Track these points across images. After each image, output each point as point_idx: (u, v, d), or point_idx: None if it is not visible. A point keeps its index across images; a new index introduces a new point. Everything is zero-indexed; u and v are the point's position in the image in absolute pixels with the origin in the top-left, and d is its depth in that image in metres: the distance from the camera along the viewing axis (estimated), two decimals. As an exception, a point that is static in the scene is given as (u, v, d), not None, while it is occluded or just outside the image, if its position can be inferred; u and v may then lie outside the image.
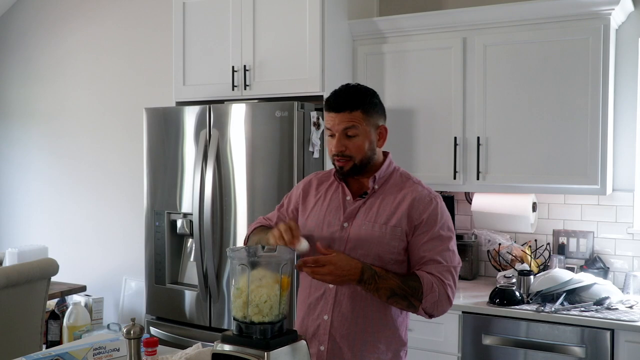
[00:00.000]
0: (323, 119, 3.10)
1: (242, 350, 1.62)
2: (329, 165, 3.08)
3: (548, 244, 3.27)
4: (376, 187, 1.94)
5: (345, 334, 1.89)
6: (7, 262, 3.79)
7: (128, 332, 1.79)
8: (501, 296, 2.84)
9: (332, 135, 1.91)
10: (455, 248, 1.92)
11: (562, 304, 2.78)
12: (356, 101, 1.88)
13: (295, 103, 2.97)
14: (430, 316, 1.89)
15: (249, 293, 1.64)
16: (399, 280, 1.82)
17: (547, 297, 2.84)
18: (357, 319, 1.89)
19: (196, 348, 2.00)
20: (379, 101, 1.95)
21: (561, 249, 3.23)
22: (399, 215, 1.88)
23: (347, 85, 1.93)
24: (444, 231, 1.89)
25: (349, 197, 1.95)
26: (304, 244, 1.80)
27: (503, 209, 3.16)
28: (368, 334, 1.90)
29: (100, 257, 4.59)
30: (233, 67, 3.32)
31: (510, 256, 3.20)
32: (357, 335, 1.89)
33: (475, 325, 2.84)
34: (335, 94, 1.91)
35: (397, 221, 1.88)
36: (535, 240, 3.30)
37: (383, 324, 1.92)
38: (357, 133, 1.88)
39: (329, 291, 1.91)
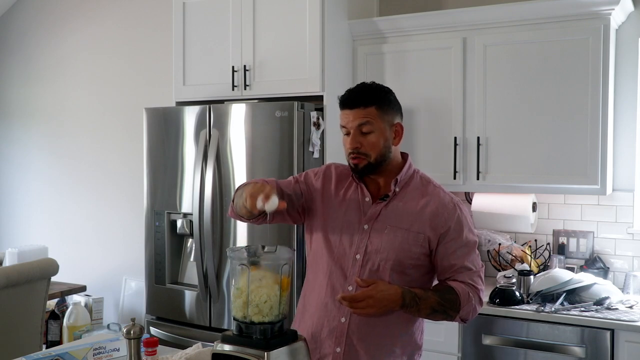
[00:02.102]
0: (323, 119, 3.10)
1: (242, 350, 1.63)
2: (329, 165, 3.07)
3: (548, 244, 3.27)
4: (397, 189, 1.92)
5: (363, 337, 1.88)
6: (7, 262, 3.79)
7: (128, 332, 1.79)
8: (501, 296, 2.84)
9: (347, 134, 1.89)
10: (480, 263, 1.93)
11: (562, 304, 2.78)
12: (370, 97, 1.87)
13: (295, 103, 2.97)
14: (465, 321, 1.90)
15: (249, 293, 1.64)
16: (437, 297, 1.83)
17: (547, 297, 2.84)
18: (374, 323, 1.87)
19: (196, 348, 2.00)
20: (395, 98, 1.93)
21: (561, 249, 3.23)
22: (422, 222, 1.87)
23: (362, 83, 1.93)
24: (470, 237, 1.90)
25: (367, 199, 1.93)
26: (271, 203, 1.70)
27: (503, 209, 3.16)
28: (385, 337, 1.89)
29: (100, 257, 4.58)
30: (233, 67, 3.32)
31: (510, 256, 3.20)
32: (374, 338, 1.88)
33: (475, 325, 2.84)
34: (350, 91, 1.91)
35: (420, 227, 1.87)
36: (535, 240, 3.30)
37: (400, 328, 1.91)
38: (371, 129, 1.86)
39: (348, 294, 1.87)
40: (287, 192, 1.98)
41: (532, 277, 2.96)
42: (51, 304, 4.19)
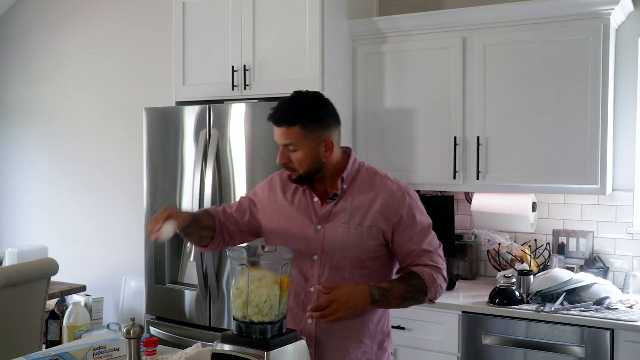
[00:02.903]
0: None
1: (242, 350, 1.63)
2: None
3: (548, 244, 3.27)
4: (345, 187, 1.94)
5: (331, 334, 1.91)
6: (7, 262, 3.79)
7: (128, 332, 1.79)
8: (501, 296, 2.84)
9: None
10: (437, 242, 1.97)
11: (562, 304, 2.78)
12: (294, 117, 1.85)
13: (295, 103, 2.97)
14: (433, 302, 1.94)
15: (249, 293, 1.64)
16: (404, 285, 1.87)
17: (547, 297, 2.84)
18: (342, 321, 1.87)
19: (196, 348, 2.00)
20: (327, 112, 1.91)
21: (561, 249, 3.23)
22: (373, 215, 1.90)
23: (294, 95, 1.91)
24: (423, 220, 1.94)
25: (316, 200, 1.96)
26: (165, 232, 1.78)
27: (503, 209, 3.16)
28: (352, 331, 1.93)
29: (100, 257, 4.58)
30: (233, 67, 3.32)
31: (510, 256, 3.20)
32: (342, 333, 1.91)
33: (475, 325, 2.84)
34: (277, 106, 1.89)
35: (372, 221, 1.90)
36: (535, 240, 3.30)
37: (365, 319, 1.94)
38: (296, 149, 1.87)
39: (310, 296, 1.92)
40: (231, 212, 2.05)
41: (532, 277, 2.96)
42: (51, 304, 4.19)
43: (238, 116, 3.12)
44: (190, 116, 3.26)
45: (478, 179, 3.11)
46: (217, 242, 2.03)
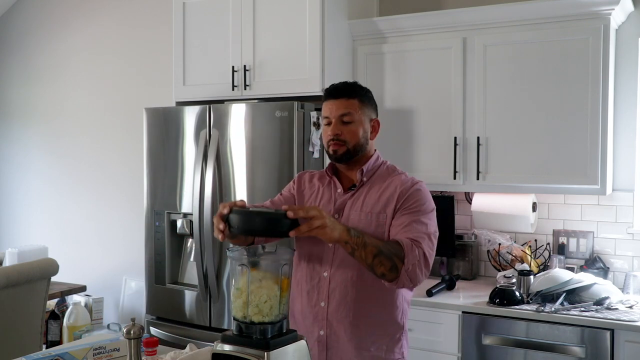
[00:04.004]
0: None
1: (242, 350, 1.62)
2: (329, 165, 3.07)
3: (548, 244, 3.27)
4: (364, 179, 2.02)
5: (341, 318, 1.97)
6: (7, 262, 3.79)
7: (128, 332, 1.79)
8: (501, 296, 2.84)
9: (328, 124, 2.01)
10: (432, 230, 1.94)
11: (562, 304, 2.78)
12: (353, 90, 2.03)
13: (295, 103, 2.97)
14: (412, 282, 1.84)
15: (249, 293, 1.64)
16: (381, 241, 1.86)
17: (547, 297, 2.84)
18: (350, 306, 1.95)
19: (190, 349, 1.98)
20: (373, 98, 2.10)
21: (561, 249, 3.23)
22: (383, 202, 1.97)
23: (345, 82, 2.09)
24: (425, 218, 1.93)
25: (339, 190, 2.05)
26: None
27: (503, 209, 3.16)
28: (362, 318, 1.96)
29: (100, 257, 4.59)
30: (233, 67, 3.32)
31: (510, 256, 3.20)
32: (352, 319, 1.96)
33: (475, 325, 2.84)
34: (335, 84, 2.07)
35: (382, 207, 1.97)
36: (535, 240, 3.30)
37: (376, 309, 1.98)
38: (352, 119, 1.99)
39: (323, 280, 1.99)
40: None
41: (532, 277, 2.96)
42: (51, 304, 4.19)
43: (238, 116, 3.12)
44: (190, 116, 3.26)
45: (478, 179, 3.11)
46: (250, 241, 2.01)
